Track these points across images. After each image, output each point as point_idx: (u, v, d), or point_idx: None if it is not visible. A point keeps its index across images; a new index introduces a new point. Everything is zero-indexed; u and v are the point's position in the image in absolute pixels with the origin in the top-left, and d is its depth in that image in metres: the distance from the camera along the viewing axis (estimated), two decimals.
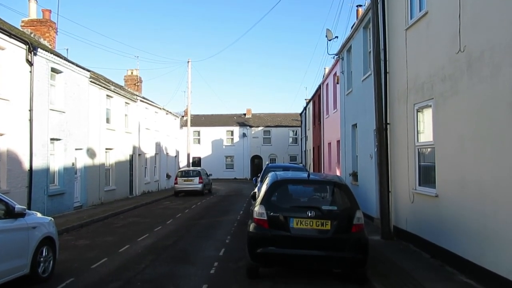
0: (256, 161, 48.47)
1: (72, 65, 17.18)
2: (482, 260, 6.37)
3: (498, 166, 5.99)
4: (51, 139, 15.55)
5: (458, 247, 7.13)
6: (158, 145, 30.20)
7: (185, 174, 26.19)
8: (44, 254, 7.02)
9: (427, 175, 8.80)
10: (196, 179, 25.49)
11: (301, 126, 42.65)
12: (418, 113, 9.14)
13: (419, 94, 8.86)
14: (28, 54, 13.86)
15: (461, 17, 6.95)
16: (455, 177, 7.26)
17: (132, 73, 31.13)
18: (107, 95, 21.14)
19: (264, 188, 7.41)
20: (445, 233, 7.61)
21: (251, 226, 6.82)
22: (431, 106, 8.33)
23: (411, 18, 9.45)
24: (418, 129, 9.19)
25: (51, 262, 7.24)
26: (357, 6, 19.14)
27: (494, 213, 6.08)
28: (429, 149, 8.75)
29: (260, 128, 48.84)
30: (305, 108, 37.62)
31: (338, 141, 19.30)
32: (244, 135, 48.19)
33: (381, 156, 10.44)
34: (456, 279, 6.73)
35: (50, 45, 18.19)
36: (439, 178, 7.95)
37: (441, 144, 7.89)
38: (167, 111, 33.26)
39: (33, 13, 18.76)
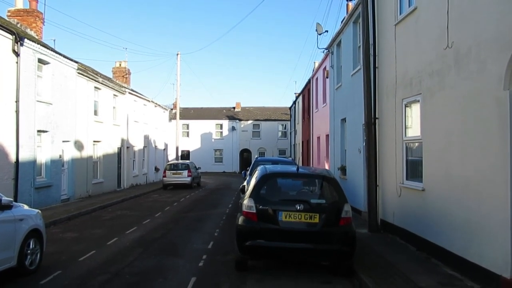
0: (245, 154, 48.49)
1: (60, 56, 16.94)
2: (466, 252, 6.51)
3: (482, 161, 6.11)
4: (38, 131, 15.35)
5: (443, 240, 7.27)
6: (146, 138, 30.02)
7: (174, 167, 26.19)
8: (31, 246, 6.97)
9: (414, 169, 8.92)
10: (185, 172, 25.50)
11: (290, 120, 42.76)
12: (407, 108, 9.23)
13: (408, 89, 8.94)
14: (15, 45, 13.61)
15: (449, 13, 7.02)
16: (441, 172, 7.38)
17: (120, 65, 30.82)
18: (95, 87, 20.90)
19: (253, 181, 7.44)
20: (431, 226, 7.74)
21: (240, 219, 6.85)
22: (419, 101, 8.42)
23: (400, 14, 9.52)
24: (406, 124, 9.29)
25: (38, 254, 7.20)
26: (347, 0, 19.16)
27: (478, 207, 6.20)
28: (416, 144, 8.85)
29: (249, 122, 48.82)
30: (294, 102, 37.67)
31: (327, 135, 19.40)
32: (233, 128, 48.15)
33: (370, 151, 10.53)
34: (441, 271, 6.87)
35: (37, 35, 17.90)
36: (426, 172, 8.07)
37: (428, 138, 7.99)
38: (156, 103, 33.04)
39: (20, 3, 18.41)
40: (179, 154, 36.05)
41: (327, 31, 16.90)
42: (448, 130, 7.17)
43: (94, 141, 20.73)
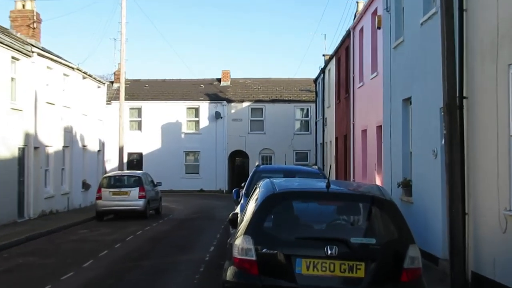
0: (238, 160, 48.48)
1: None
2: None
3: None
4: None
5: None
6: (68, 132, 29.99)
7: (116, 182, 26.41)
8: None
9: None
10: (135, 191, 25.59)
11: (316, 101, 42.60)
12: None
13: None
14: None
15: None
16: None
17: (23, 6, 30.76)
18: None
19: (251, 206, 7.45)
20: None
21: (230, 272, 6.86)
22: None
23: None
24: None
25: None
26: None
27: None
28: None
29: (245, 104, 48.50)
30: (322, 71, 37.56)
31: (380, 127, 19.41)
32: (218, 115, 47.86)
33: (453, 153, 10.45)
34: None
35: None
36: None
37: None
38: (85, 73, 33.00)
39: None
40: (125, 159, 36.00)
41: None
42: None
43: None
